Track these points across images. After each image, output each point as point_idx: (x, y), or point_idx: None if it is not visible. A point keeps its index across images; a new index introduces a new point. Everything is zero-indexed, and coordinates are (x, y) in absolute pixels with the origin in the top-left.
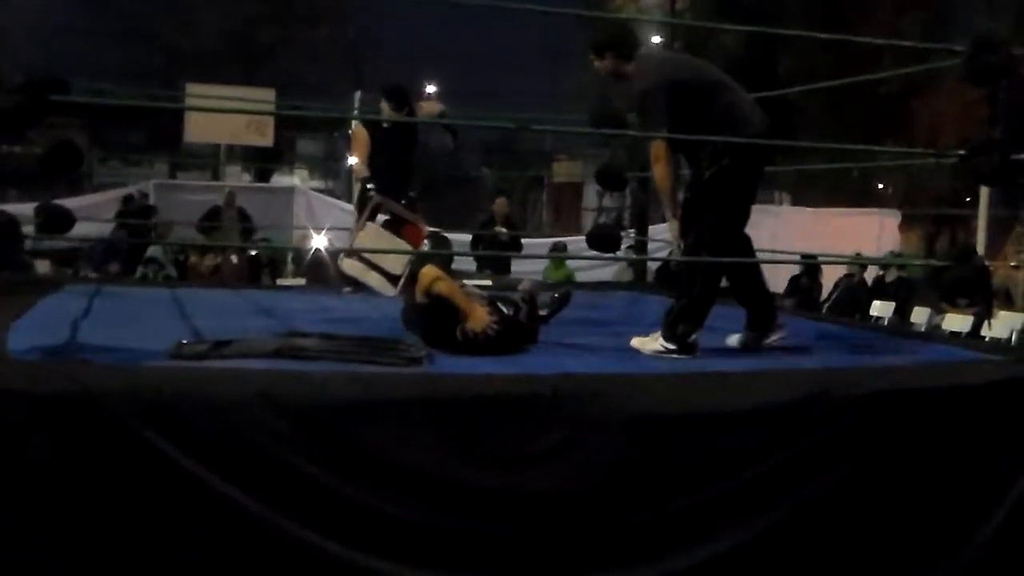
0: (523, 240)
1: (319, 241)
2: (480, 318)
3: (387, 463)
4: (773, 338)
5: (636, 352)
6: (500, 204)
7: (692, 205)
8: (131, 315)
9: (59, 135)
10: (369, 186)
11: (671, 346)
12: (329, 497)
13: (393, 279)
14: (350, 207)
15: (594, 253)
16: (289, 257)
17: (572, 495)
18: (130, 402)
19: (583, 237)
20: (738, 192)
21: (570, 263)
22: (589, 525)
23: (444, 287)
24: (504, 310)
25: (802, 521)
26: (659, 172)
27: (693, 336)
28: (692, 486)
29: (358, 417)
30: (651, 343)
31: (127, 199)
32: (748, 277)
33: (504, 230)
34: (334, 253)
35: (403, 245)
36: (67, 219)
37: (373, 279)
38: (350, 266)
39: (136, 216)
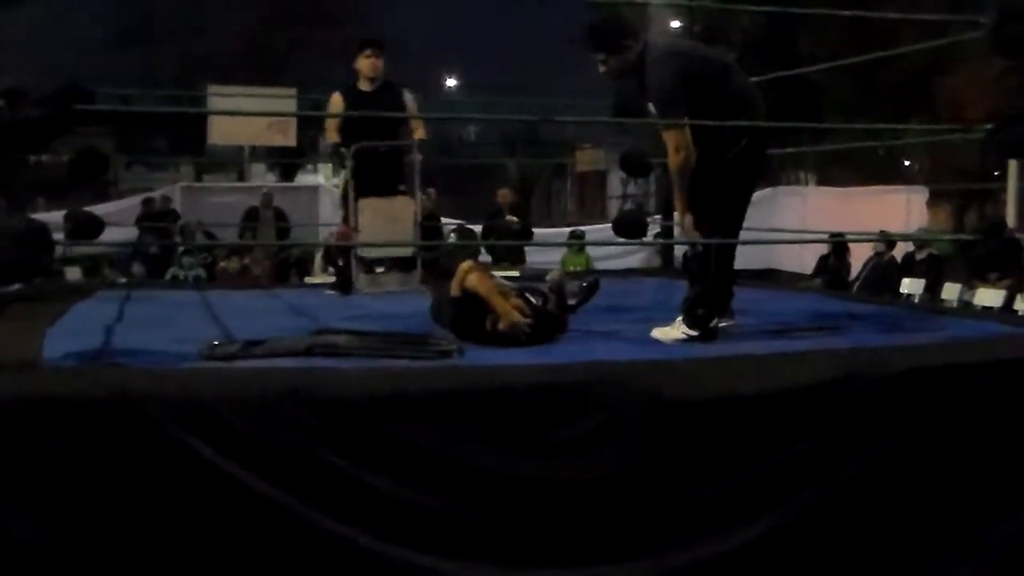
0: (545, 230)
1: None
2: (513, 318)
3: (421, 456)
4: (724, 323)
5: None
6: (504, 194)
7: (708, 189)
8: (162, 318)
9: (84, 143)
10: (343, 150)
11: (693, 332)
12: (364, 492)
13: (408, 264)
14: None
15: (618, 240)
16: (317, 256)
17: (605, 483)
18: (164, 404)
19: (608, 224)
20: (753, 174)
21: (596, 251)
22: (622, 512)
23: (480, 283)
24: (534, 301)
25: (836, 503)
26: (679, 161)
27: (714, 321)
28: (725, 471)
29: (391, 412)
30: (672, 331)
31: (147, 202)
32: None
33: (515, 218)
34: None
35: (406, 212)
36: (96, 225)
37: (391, 281)
38: (368, 284)
39: (157, 219)
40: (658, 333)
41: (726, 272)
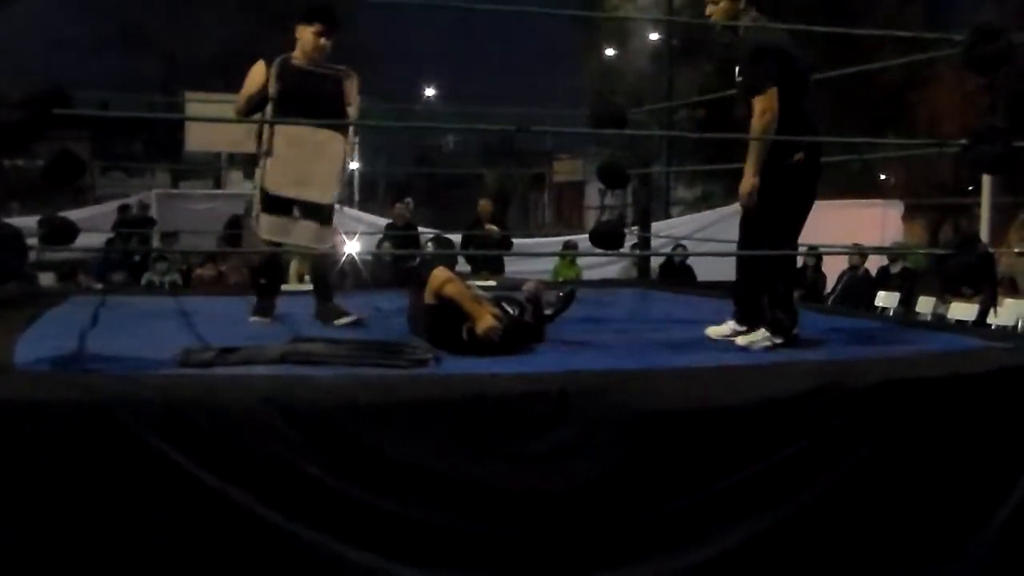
0: (529, 240)
1: (351, 247)
2: (487, 323)
3: (396, 465)
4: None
5: (643, 347)
6: (484, 205)
7: (763, 197)
8: (137, 325)
9: (61, 146)
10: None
11: (778, 340)
12: (339, 500)
13: (325, 215)
14: (357, 212)
15: (599, 251)
16: (293, 263)
17: (581, 493)
18: (138, 411)
19: (586, 235)
20: (806, 188)
21: (579, 261)
22: (598, 522)
23: (454, 290)
24: (509, 310)
25: (813, 514)
26: (764, 124)
27: (795, 327)
28: (701, 482)
29: (366, 420)
30: (757, 339)
31: (123, 208)
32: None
33: (496, 228)
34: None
35: (334, 149)
36: (71, 231)
37: (302, 233)
38: (270, 229)
39: (133, 226)
40: (743, 341)
41: (789, 275)
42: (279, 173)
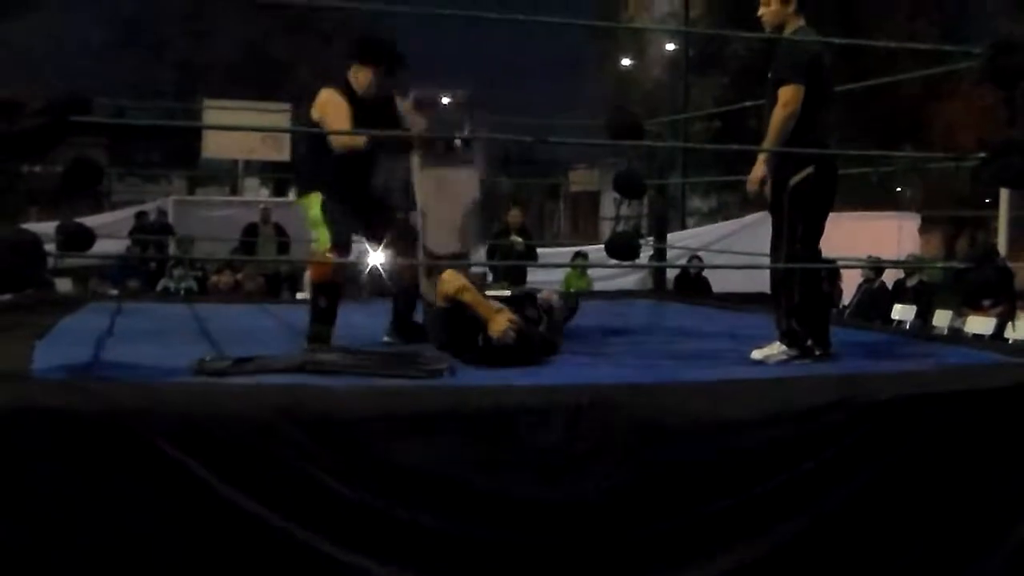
0: (541, 250)
1: (375, 257)
2: (501, 324)
3: (411, 476)
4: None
5: (658, 360)
6: (514, 215)
7: (781, 211)
8: (153, 332)
9: (78, 153)
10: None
11: (792, 352)
12: (352, 510)
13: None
14: None
15: (613, 262)
16: (307, 272)
17: (596, 505)
18: (153, 419)
19: (601, 245)
20: (821, 202)
21: (589, 272)
22: (612, 534)
23: (466, 295)
24: (527, 315)
25: (827, 528)
26: (784, 116)
27: (809, 340)
28: (717, 494)
29: (381, 430)
30: (772, 351)
31: (140, 215)
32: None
33: (519, 239)
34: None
35: (470, 190)
36: (88, 237)
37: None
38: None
39: (151, 233)
40: (758, 354)
41: (814, 291)
42: (437, 231)
